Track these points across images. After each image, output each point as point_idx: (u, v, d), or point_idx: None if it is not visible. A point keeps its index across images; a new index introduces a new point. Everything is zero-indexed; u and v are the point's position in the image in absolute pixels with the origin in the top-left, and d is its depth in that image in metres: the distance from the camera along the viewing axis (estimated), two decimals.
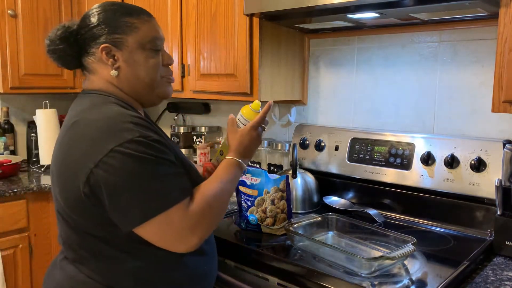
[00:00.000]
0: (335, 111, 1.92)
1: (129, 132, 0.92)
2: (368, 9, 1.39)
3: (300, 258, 1.23)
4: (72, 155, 0.96)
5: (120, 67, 1.05)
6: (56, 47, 1.05)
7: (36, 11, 2.43)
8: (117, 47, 1.04)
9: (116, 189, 0.90)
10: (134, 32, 1.05)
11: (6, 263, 2.08)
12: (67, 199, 0.98)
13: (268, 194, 1.42)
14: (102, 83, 1.07)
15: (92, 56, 1.06)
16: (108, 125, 0.94)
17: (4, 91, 2.38)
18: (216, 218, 1.03)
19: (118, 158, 0.89)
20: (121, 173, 0.90)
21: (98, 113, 0.98)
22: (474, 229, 1.44)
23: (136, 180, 0.90)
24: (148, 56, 1.07)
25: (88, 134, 0.94)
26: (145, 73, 1.07)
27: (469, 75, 1.55)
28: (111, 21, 1.05)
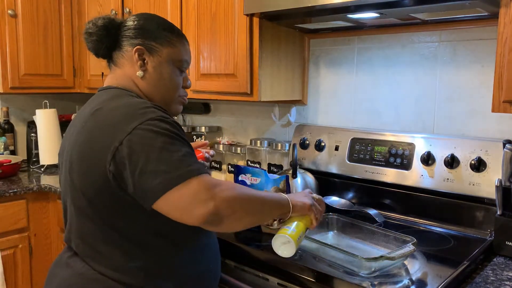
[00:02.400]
0: (335, 111, 1.92)
1: (151, 113, 0.98)
2: (368, 9, 1.39)
3: (300, 258, 1.23)
4: (97, 138, 0.99)
5: (147, 70, 1.13)
6: (95, 31, 1.11)
7: (36, 11, 2.43)
8: (150, 53, 1.13)
9: (139, 161, 0.92)
10: (170, 47, 1.15)
11: (6, 263, 2.08)
12: (92, 183, 0.99)
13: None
14: (125, 79, 1.13)
15: (124, 52, 1.13)
16: (131, 109, 0.99)
17: (4, 91, 2.38)
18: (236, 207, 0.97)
19: (141, 134, 0.94)
20: (144, 146, 0.93)
21: (120, 102, 1.04)
22: (474, 229, 1.44)
23: (158, 151, 0.93)
24: (174, 72, 1.16)
25: (113, 118, 0.99)
26: (166, 87, 1.16)
27: (469, 75, 1.55)
28: (153, 29, 1.14)
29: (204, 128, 2.32)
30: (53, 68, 2.53)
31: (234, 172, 1.51)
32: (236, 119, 2.32)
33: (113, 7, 2.27)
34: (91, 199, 1.01)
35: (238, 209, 0.97)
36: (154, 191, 0.93)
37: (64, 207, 1.15)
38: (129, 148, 0.93)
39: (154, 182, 0.92)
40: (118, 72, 1.15)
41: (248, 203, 1.00)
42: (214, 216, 0.92)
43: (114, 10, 2.26)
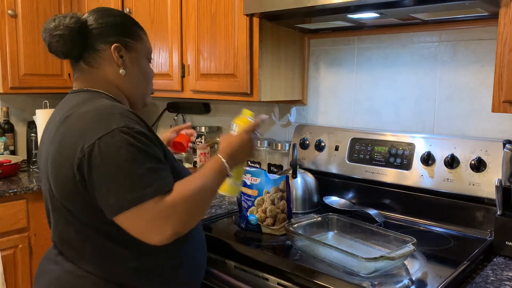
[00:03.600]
0: (335, 111, 1.93)
1: (115, 122, 0.95)
2: (368, 9, 1.39)
3: (300, 258, 1.23)
4: (66, 146, 0.98)
5: (127, 67, 1.13)
6: (65, 33, 1.06)
7: (36, 11, 2.43)
8: (126, 49, 1.13)
9: (98, 176, 0.93)
10: (141, 41, 1.17)
11: (6, 263, 2.08)
12: (63, 190, 1.00)
13: (268, 194, 1.42)
14: (101, 79, 1.11)
15: (98, 52, 1.10)
16: (97, 115, 0.98)
17: (4, 91, 2.38)
18: (193, 212, 1.00)
19: (102, 148, 0.92)
20: (104, 162, 0.92)
21: (89, 106, 1.02)
22: (474, 229, 1.44)
23: (117, 170, 0.92)
24: (146, 64, 1.20)
25: (79, 125, 0.98)
26: (145, 80, 1.19)
27: (469, 75, 1.55)
28: (125, 25, 1.14)
29: (204, 128, 2.32)
30: (53, 68, 2.53)
31: None
32: None
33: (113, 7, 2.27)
34: (68, 205, 1.02)
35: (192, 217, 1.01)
36: (111, 209, 0.94)
37: (47, 210, 1.16)
38: (90, 161, 0.93)
39: (110, 200, 0.93)
40: (93, 73, 1.11)
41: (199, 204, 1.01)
42: (173, 237, 0.96)
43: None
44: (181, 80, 2.02)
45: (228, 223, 1.58)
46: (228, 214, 1.67)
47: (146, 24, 2.12)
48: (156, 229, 0.94)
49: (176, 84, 2.02)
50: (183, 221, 0.97)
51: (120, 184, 0.92)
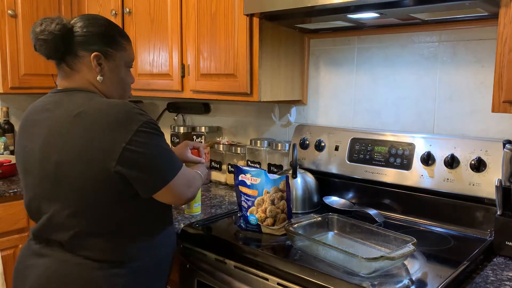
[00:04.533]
0: (335, 111, 1.93)
1: (142, 116, 1.11)
2: (368, 9, 1.39)
3: (300, 258, 1.24)
4: (95, 140, 1.07)
5: (105, 74, 1.23)
6: (51, 38, 1.15)
7: (36, 11, 2.43)
8: (106, 58, 1.22)
9: (147, 159, 1.09)
10: (122, 51, 1.26)
11: (6, 263, 2.08)
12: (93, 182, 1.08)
13: (268, 194, 1.42)
14: (85, 81, 1.21)
15: (80, 57, 1.20)
16: (122, 111, 1.09)
17: (4, 91, 2.38)
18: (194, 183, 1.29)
19: (144, 136, 1.09)
20: (149, 146, 1.09)
21: (100, 102, 1.13)
22: (474, 229, 1.44)
23: (160, 150, 1.13)
24: (126, 73, 1.29)
25: (106, 120, 1.08)
26: (122, 87, 1.29)
27: (469, 75, 1.55)
28: (108, 35, 1.22)
29: (204, 128, 2.32)
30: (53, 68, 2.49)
31: (234, 172, 1.51)
32: (236, 119, 2.32)
33: (113, 7, 2.27)
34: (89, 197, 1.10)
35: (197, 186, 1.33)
36: (159, 182, 1.13)
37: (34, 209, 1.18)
38: (135, 148, 1.07)
39: (159, 176, 1.12)
40: (76, 76, 1.21)
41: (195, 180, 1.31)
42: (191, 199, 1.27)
43: (114, 10, 2.26)
44: (181, 80, 2.02)
45: (228, 223, 1.58)
46: (228, 214, 1.67)
47: (146, 24, 2.12)
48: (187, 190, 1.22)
49: (176, 84, 2.02)
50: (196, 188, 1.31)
51: (165, 161, 1.14)
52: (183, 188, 1.20)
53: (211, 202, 1.87)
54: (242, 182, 1.46)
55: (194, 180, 1.29)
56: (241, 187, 1.47)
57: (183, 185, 1.20)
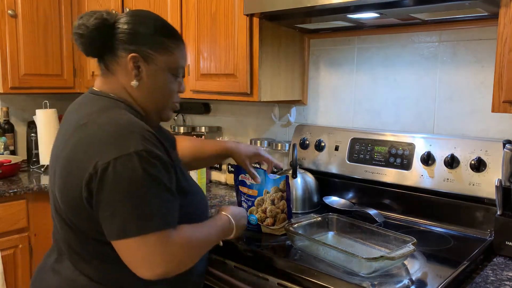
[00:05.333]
0: (335, 111, 1.92)
1: (134, 144, 0.92)
2: (368, 9, 1.39)
3: (300, 258, 1.23)
4: (77, 158, 0.95)
5: (142, 79, 1.06)
6: (86, 33, 1.03)
7: (36, 11, 2.43)
8: (145, 61, 1.06)
9: (105, 198, 0.91)
10: (167, 55, 1.08)
11: (6, 263, 2.08)
12: (68, 202, 0.98)
13: (268, 194, 1.42)
14: (118, 86, 1.07)
15: (117, 57, 1.06)
16: (116, 131, 0.94)
17: (4, 91, 2.38)
18: (189, 260, 1.02)
19: (116, 170, 0.90)
20: (115, 184, 0.90)
21: (107, 117, 0.98)
22: (474, 229, 1.44)
23: (126, 195, 0.90)
24: (169, 80, 1.10)
25: (95, 138, 0.94)
26: (161, 95, 1.10)
27: (469, 75, 1.55)
28: (149, 34, 1.06)
29: (204, 128, 2.32)
30: (53, 68, 2.53)
31: (234, 172, 1.51)
32: (236, 119, 2.32)
33: (113, 7, 2.27)
34: (72, 215, 0.99)
35: (187, 265, 1.01)
36: (112, 232, 0.92)
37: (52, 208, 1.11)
38: (101, 180, 0.90)
39: (113, 223, 0.91)
40: (110, 78, 1.08)
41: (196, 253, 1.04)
42: (161, 276, 0.95)
43: (114, 10, 2.25)
44: None
45: None
46: None
47: None
48: (149, 264, 0.92)
49: None
50: (178, 264, 0.98)
51: (127, 210, 0.90)
52: (147, 263, 0.92)
53: (211, 202, 1.87)
54: (242, 182, 1.46)
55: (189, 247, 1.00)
56: (241, 187, 1.47)
57: (148, 259, 0.92)
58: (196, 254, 1.03)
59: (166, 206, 0.95)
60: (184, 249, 0.98)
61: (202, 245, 1.05)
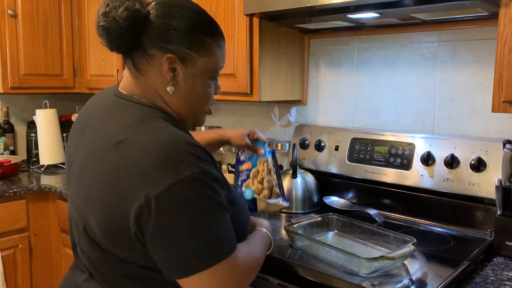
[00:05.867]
0: (335, 111, 1.92)
1: (189, 167, 0.79)
2: (368, 9, 1.39)
3: (300, 258, 1.23)
4: (122, 185, 0.81)
5: (178, 83, 0.92)
6: (115, 27, 0.86)
7: (36, 11, 2.43)
8: (183, 63, 0.91)
9: (165, 235, 0.79)
10: (207, 56, 0.94)
11: (6, 263, 2.08)
12: (109, 232, 0.85)
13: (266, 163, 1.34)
14: (148, 89, 0.92)
15: (150, 56, 0.90)
16: (165, 153, 0.80)
17: (4, 91, 2.38)
18: (250, 281, 0.94)
19: (174, 198, 0.78)
20: (173, 216, 0.78)
21: (150, 134, 0.84)
22: (474, 229, 1.44)
23: (188, 226, 0.79)
24: (207, 84, 0.97)
25: (141, 163, 0.80)
26: (198, 101, 0.97)
27: (469, 75, 1.55)
28: (191, 33, 0.91)
29: (204, 128, 2.32)
30: (53, 68, 2.53)
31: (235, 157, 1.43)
32: (236, 119, 2.32)
33: None
34: (107, 244, 0.87)
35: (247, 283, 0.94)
36: (177, 270, 0.81)
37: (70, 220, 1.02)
38: (157, 212, 0.77)
39: (178, 259, 0.80)
40: (140, 80, 0.92)
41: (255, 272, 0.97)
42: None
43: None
44: None
45: None
46: None
47: None
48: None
49: None
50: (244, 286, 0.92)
51: (194, 242, 0.79)
52: (223, 286, 0.83)
53: None
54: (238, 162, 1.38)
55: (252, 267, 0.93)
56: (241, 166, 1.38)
57: (225, 282, 0.83)
58: (255, 273, 0.96)
59: (228, 228, 0.85)
60: (249, 271, 0.91)
61: (259, 263, 0.98)
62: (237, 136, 1.34)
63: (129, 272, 0.89)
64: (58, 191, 2.11)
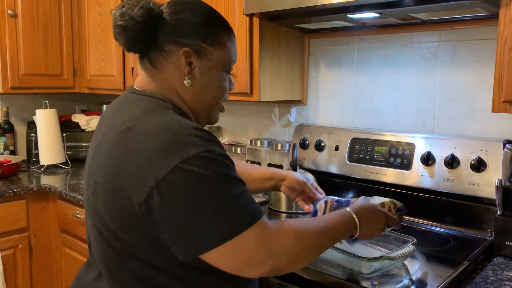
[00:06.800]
0: (335, 111, 1.92)
1: (194, 146, 0.80)
2: (368, 9, 1.39)
3: None
4: (127, 168, 0.83)
5: (194, 76, 0.95)
6: (131, 25, 0.90)
7: (36, 11, 2.43)
8: (198, 56, 0.94)
9: (180, 210, 0.79)
10: (221, 49, 0.96)
11: (6, 263, 2.08)
12: (117, 217, 0.86)
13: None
14: (165, 85, 0.95)
15: (166, 52, 0.93)
16: (170, 136, 0.82)
17: (4, 91, 2.38)
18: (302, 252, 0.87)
19: (183, 176, 0.78)
20: (185, 193, 0.78)
21: (156, 121, 0.86)
22: (474, 229, 1.44)
23: (204, 201, 0.79)
24: (221, 77, 0.99)
25: (147, 146, 0.82)
26: (213, 95, 0.99)
27: (469, 75, 1.55)
28: (204, 27, 0.94)
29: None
30: (53, 68, 2.53)
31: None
32: (236, 119, 2.32)
33: (113, 7, 2.27)
34: (116, 231, 0.87)
35: (300, 259, 0.88)
36: (196, 246, 0.80)
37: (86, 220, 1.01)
38: (168, 192, 0.78)
39: (196, 237, 0.80)
40: (156, 76, 0.95)
41: (310, 248, 0.89)
42: (273, 273, 0.85)
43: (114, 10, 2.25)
44: None
45: None
46: None
47: None
48: (256, 263, 0.82)
49: None
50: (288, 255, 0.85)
51: (210, 217, 0.79)
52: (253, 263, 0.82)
53: None
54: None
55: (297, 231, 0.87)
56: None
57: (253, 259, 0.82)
58: (308, 245, 0.88)
59: (246, 197, 0.84)
60: (289, 238, 0.85)
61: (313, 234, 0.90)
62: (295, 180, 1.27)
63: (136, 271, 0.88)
64: (58, 191, 2.11)
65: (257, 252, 0.82)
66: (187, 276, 0.88)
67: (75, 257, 2.13)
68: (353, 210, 1.01)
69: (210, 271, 0.86)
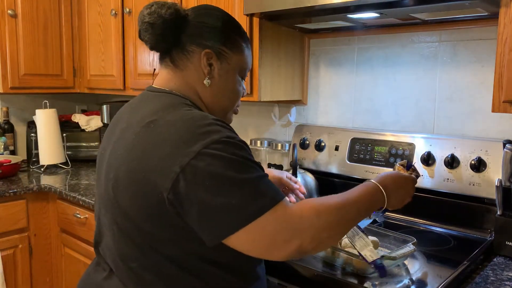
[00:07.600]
0: (335, 111, 1.93)
1: (215, 133, 0.84)
2: (368, 9, 1.39)
3: (300, 258, 1.23)
4: (152, 158, 0.85)
5: (213, 78, 1.00)
6: (159, 23, 0.95)
7: (36, 11, 2.43)
8: (218, 58, 0.99)
9: (205, 193, 0.80)
10: (239, 54, 1.03)
11: (6, 263, 2.08)
12: (144, 208, 0.87)
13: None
14: (185, 84, 1.00)
15: (188, 52, 0.99)
16: (192, 125, 0.85)
17: (4, 91, 2.38)
18: (327, 228, 0.86)
19: (206, 161, 0.81)
20: (210, 176, 0.80)
21: (178, 114, 0.89)
22: (474, 229, 1.44)
23: (227, 183, 0.81)
24: (237, 81, 1.04)
25: (171, 136, 0.85)
26: (229, 97, 1.04)
27: (469, 75, 1.55)
28: (226, 31, 1.01)
29: None
30: (53, 68, 2.53)
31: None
32: (236, 119, 2.31)
33: (113, 7, 2.27)
34: (140, 223, 0.88)
35: (324, 237, 0.86)
36: (222, 228, 0.81)
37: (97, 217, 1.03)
38: (193, 176, 0.80)
39: (222, 218, 0.81)
40: (177, 74, 1.00)
41: (333, 224, 0.88)
42: (298, 253, 0.84)
43: (114, 10, 2.26)
44: None
45: None
46: None
47: None
48: (281, 243, 0.82)
49: None
50: (312, 233, 0.84)
51: (234, 199, 0.80)
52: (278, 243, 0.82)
53: None
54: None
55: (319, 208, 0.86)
56: None
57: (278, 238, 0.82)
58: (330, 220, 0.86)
59: (266, 180, 0.86)
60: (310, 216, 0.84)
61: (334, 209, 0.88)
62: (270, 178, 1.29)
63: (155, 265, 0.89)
64: (58, 191, 2.11)
65: (281, 231, 0.82)
66: (204, 272, 0.90)
67: (75, 257, 2.13)
68: (377, 180, 1.00)
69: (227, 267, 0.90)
